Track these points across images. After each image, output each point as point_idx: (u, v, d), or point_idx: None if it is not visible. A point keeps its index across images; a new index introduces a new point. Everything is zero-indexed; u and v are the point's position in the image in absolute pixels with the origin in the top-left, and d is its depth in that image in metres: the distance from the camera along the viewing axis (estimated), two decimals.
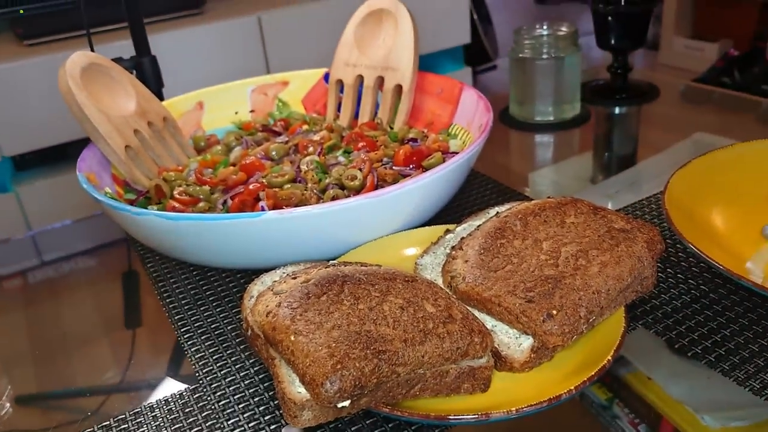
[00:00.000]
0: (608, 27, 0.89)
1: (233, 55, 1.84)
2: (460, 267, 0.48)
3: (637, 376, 0.45)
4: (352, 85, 0.82)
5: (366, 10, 0.83)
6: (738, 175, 0.62)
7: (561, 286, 0.43)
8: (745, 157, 0.65)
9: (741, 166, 0.64)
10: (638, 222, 0.48)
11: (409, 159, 0.66)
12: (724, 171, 0.63)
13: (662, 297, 0.51)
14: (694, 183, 0.61)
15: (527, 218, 0.51)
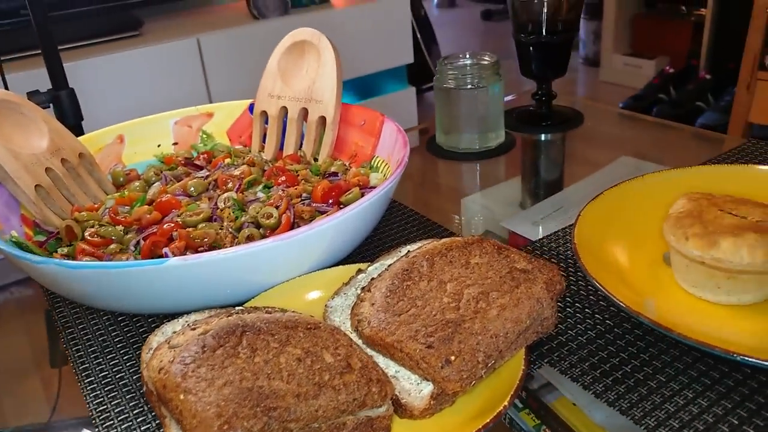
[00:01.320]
0: (530, 56, 0.90)
1: (173, 77, 1.82)
2: (367, 310, 0.48)
3: (563, 402, 0.46)
4: (277, 117, 0.82)
5: (289, 41, 0.83)
6: (647, 206, 0.64)
7: (460, 330, 0.43)
8: (654, 187, 0.66)
9: (650, 197, 0.65)
10: (539, 262, 0.49)
11: (327, 195, 0.66)
12: (633, 202, 0.64)
13: (569, 333, 0.52)
14: (604, 215, 0.62)
15: (434, 258, 0.51)
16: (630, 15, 2.95)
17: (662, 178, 0.68)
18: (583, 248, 0.57)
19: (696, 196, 0.57)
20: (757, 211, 0.52)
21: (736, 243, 0.49)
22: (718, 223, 0.51)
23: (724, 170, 0.69)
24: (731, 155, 0.80)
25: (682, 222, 0.53)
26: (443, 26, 4.58)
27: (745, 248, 0.48)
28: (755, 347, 0.46)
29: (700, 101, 2.38)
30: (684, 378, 0.46)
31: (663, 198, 0.64)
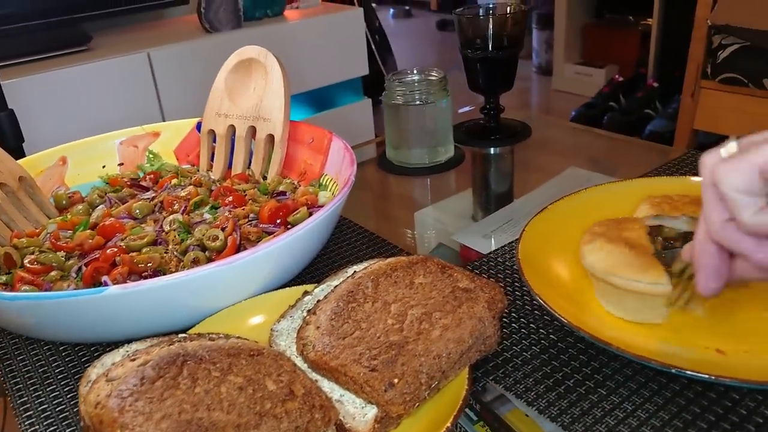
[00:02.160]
0: (477, 71, 0.91)
1: (124, 94, 1.79)
2: (312, 334, 0.48)
3: (516, 414, 0.47)
4: (225, 136, 0.81)
5: (235, 59, 0.82)
6: (590, 219, 0.65)
7: (404, 352, 0.44)
8: (597, 200, 0.68)
9: (593, 209, 0.66)
10: (482, 280, 0.49)
11: (274, 215, 0.66)
12: (576, 215, 0.65)
13: (514, 349, 0.52)
14: (548, 229, 0.63)
15: (379, 279, 0.51)
16: (580, 25, 3.02)
17: (604, 191, 0.69)
18: (527, 263, 0.58)
19: (657, 200, 0.59)
20: (693, 206, 0.56)
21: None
22: (619, 241, 0.52)
23: (663, 181, 0.71)
24: (672, 166, 0.82)
25: (588, 239, 0.54)
26: (399, 36, 4.62)
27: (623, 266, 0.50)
28: (690, 359, 0.47)
29: (649, 109, 2.44)
30: (624, 391, 0.47)
31: (606, 210, 0.65)
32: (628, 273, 0.50)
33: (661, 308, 0.51)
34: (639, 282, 0.50)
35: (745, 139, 0.35)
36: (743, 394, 0.46)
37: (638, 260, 0.50)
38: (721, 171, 0.34)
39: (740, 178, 0.33)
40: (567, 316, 0.50)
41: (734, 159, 0.34)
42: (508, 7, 0.90)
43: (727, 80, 1.74)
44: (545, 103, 3.10)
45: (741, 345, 0.49)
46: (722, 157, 0.35)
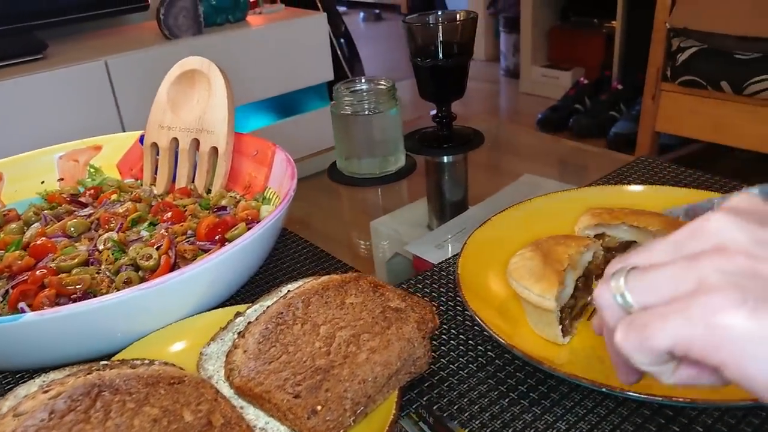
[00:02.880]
0: (427, 80, 0.91)
1: (81, 103, 1.75)
2: (239, 358, 0.46)
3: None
4: (168, 149, 0.79)
5: (178, 70, 0.81)
6: (531, 231, 0.64)
7: (329, 377, 0.42)
8: (542, 211, 0.67)
9: (537, 221, 0.66)
10: (413, 299, 0.48)
11: (212, 231, 0.64)
12: (519, 227, 0.65)
13: (450, 367, 0.51)
14: (490, 241, 0.62)
15: (310, 299, 0.49)
16: (546, 27, 3.03)
17: (548, 201, 0.68)
18: (466, 278, 0.57)
19: (598, 211, 0.59)
20: (655, 220, 0.55)
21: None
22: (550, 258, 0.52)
23: (610, 190, 0.70)
24: (621, 173, 0.82)
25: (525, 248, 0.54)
26: (369, 40, 4.61)
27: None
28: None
29: (614, 111, 2.46)
30: (558, 410, 0.46)
31: (549, 220, 0.65)
32: (525, 281, 0.50)
33: (556, 327, 0.50)
34: (530, 292, 0.50)
35: (641, 290, 0.31)
36: (677, 409, 0.45)
37: (541, 271, 0.50)
38: (626, 349, 0.30)
39: (648, 357, 0.30)
40: (502, 334, 0.49)
41: (637, 336, 0.30)
42: (457, 15, 0.90)
43: (687, 83, 1.76)
44: (513, 106, 3.11)
45: None
46: (619, 303, 0.32)
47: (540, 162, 1.00)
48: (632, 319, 0.31)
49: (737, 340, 0.27)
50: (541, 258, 0.51)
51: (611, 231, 0.56)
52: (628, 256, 0.33)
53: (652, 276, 0.31)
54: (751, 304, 0.27)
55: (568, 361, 0.48)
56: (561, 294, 0.49)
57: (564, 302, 0.50)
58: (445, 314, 0.58)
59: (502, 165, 1.03)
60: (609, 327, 0.33)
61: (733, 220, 0.30)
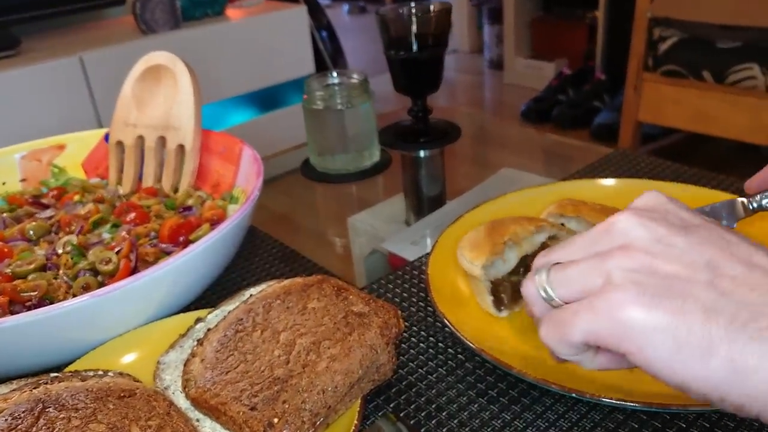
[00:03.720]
0: (402, 73, 0.88)
1: (57, 99, 1.72)
2: (196, 368, 0.45)
3: None
4: (133, 147, 0.77)
5: (142, 66, 0.78)
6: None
7: (287, 387, 0.40)
8: (516, 206, 0.66)
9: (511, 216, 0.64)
10: (377, 302, 0.46)
11: (175, 233, 0.62)
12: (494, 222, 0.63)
13: (419, 372, 0.50)
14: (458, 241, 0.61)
15: (271, 304, 0.48)
16: (529, 18, 3.02)
17: (520, 197, 0.67)
18: (436, 278, 0.55)
19: (564, 202, 0.58)
20: (597, 212, 0.55)
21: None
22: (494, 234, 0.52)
23: (585, 184, 0.69)
24: (598, 165, 0.80)
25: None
26: (354, 32, 4.57)
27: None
28: (599, 379, 0.45)
29: (597, 101, 2.45)
30: (528, 415, 0.45)
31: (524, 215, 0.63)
32: (464, 248, 0.52)
33: (486, 296, 0.51)
34: (464, 258, 0.51)
35: (561, 279, 0.35)
36: (651, 414, 0.44)
37: (480, 240, 0.51)
38: (549, 343, 0.34)
39: (567, 349, 0.34)
40: (471, 336, 0.47)
41: (556, 332, 0.34)
42: (431, 6, 0.87)
43: (668, 72, 1.75)
44: (497, 98, 3.09)
45: None
46: (543, 297, 0.35)
47: (520, 155, 0.99)
48: (550, 316, 0.34)
49: (636, 331, 0.30)
50: (487, 230, 0.52)
51: (569, 222, 0.56)
52: (551, 251, 0.36)
53: (568, 272, 0.34)
54: (647, 299, 0.30)
55: (540, 365, 0.46)
56: (493, 264, 0.50)
57: (499, 275, 0.51)
58: (416, 315, 0.56)
59: (482, 158, 1.01)
60: (536, 319, 0.36)
61: (638, 220, 0.33)
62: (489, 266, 0.50)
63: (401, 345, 0.52)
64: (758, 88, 1.59)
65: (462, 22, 3.63)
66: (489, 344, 0.48)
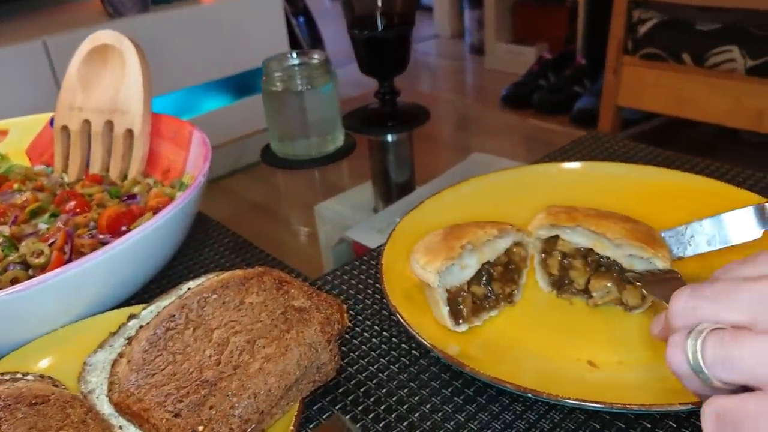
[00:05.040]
0: (367, 53, 0.84)
1: (20, 85, 1.66)
2: (122, 369, 0.41)
3: None
4: (79, 132, 0.73)
5: (88, 45, 0.73)
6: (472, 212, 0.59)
7: (215, 391, 0.37)
8: (479, 192, 0.62)
9: (474, 202, 0.61)
10: (321, 296, 0.43)
11: (115, 223, 0.58)
12: (456, 209, 0.59)
13: (369, 369, 0.46)
14: (422, 227, 0.57)
15: (207, 299, 0.44)
16: (510, 3, 2.97)
17: (483, 182, 0.63)
18: (391, 269, 0.52)
19: (555, 210, 0.50)
20: (617, 227, 0.47)
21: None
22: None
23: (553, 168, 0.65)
24: (569, 149, 0.77)
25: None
26: (335, 19, 4.50)
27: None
28: (558, 376, 0.42)
29: (578, 86, 2.42)
30: (484, 416, 0.41)
31: (484, 204, 0.60)
32: (418, 252, 0.47)
33: (441, 307, 0.46)
34: (417, 264, 0.46)
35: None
36: (613, 414, 0.41)
37: (437, 245, 0.46)
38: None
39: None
40: (424, 331, 0.44)
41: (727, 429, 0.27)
42: None
43: (648, 55, 1.72)
44: (478, 83, 3.06)
45: (613, 355, 0.44)
46: (693, 368, 0.29)
47: (496, 140, 0.95)
48: (717, 413, 0.27)
49: None
50: (445, 233, 0.47)
51: (566, 234, 0.49)
52: (699, 295, 0.29)
53: (737, 353, 0.27)
54: None
55: (496, 361, 0.43)
56: (449, 270, 0.45)
57: (457, 283, 0.46)
58: (370, 308, 0.53)
59: (456, 144, 0.97)
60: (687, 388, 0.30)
61: None
62: (444, 273, 0.45)
63: (353, 340, 0.49)
64: (738, 71, 1.56)
65: (443, 7, 3.58)
66: (443, 340, 0.44)
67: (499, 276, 0.48)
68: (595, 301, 0.48)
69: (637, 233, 0.46)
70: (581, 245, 0.48)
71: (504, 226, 0.48)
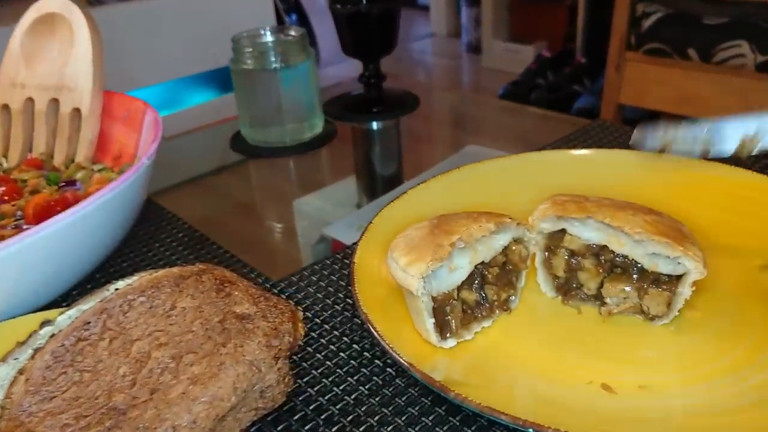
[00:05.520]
0: (350, 30, 0.76)
1: None
2: (17, 390, 0.32)
3: None
4: (21, 111, 0.64)
5: (33, 14, 0.65)
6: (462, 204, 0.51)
7: (123, 422, 0.28)
8: (471, 181, 0.54)
9: (464, 193, 0.53)
10: (270, 301, 0.34)
11: (44, 212, 0.49)
12: (443, 200, 0.51)
13: (334, 391, 0.38)
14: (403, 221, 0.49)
15: (133, 302, 0.35)
16: (508, 0, 2.90)
17: (475, 170, 0.55)
18: (366, 270, 0.43)
19: (562, 199, 0.42)
20: (637, 219, 0.38)
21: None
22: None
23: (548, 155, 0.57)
24: (573, 138, 0.69)
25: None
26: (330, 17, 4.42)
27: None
28: (565, 403, 0.34)
29: (577, 85, 2.34)
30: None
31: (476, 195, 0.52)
32: (398, 251, 0.38)
33: (425, 319, 0.37)
34: (396, 264, 0.37)
35: None
36: None
37: (421, 242, 0.38)
38: None
39: None
40: (401, 346, 0.36)
41: None
42: None
43: (652, 51, 1.64)
44: (475, 82, 2.98)
45: (633, 377, 0.35)
46: None
47: (491, 130, 0.88)
48: None
49: None
50: (431, 227, 0.39)
51: (575, 228, 0.41)
52: None
53: None
54: None
55: (490, 384, 0.35)
56: (435, 273, 0.37)
57: (445, 289, 0.38)
58: (340, 316, 0.44)
59: (447, 134, 0.89)
60: None
61: None
62: (430, 277, 0.37)
63: (316, 354, 0.41)
64: (747, 67, 1.48)
65: (440, 5, 3.50)
66: (425, 357, 0.36)
67: (494, 279, 0.40)
68: (610, 309, 0.40)
69: (662, 227, 0.37)
70: (593, 241, 0.40)
71: (502, 219, 0.40)
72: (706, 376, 0.35)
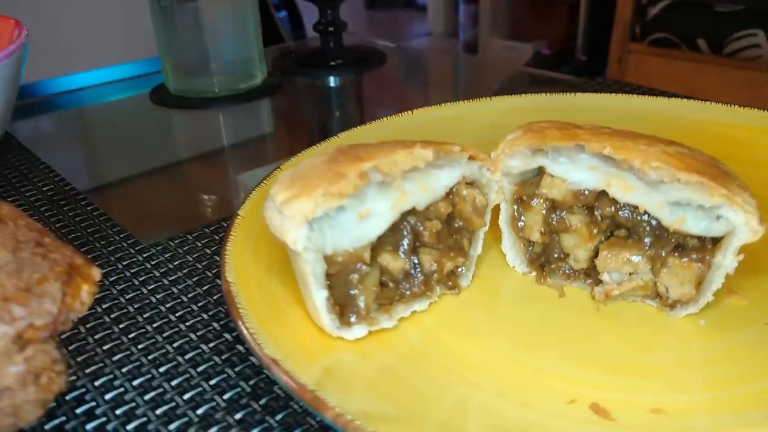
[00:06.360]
0: None
1: None
2: None
3: None
4: None
5: None
6: None
7: None
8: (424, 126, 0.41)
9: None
10: (47, 248, 0.21)
11: None
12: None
13: (229, 421, 0.24)
14: None
15: None
16: None
17: (435, 114, 0.42)
18: (254, 227, 0.30)
19: (540, 125, 0.28)
20: (654, 150, 0.24)
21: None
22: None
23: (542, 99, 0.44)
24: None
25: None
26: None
27: None
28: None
29: None
30: None
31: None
32: (277, 184, 0.25)
33: (314, 293, 0.24)
34: (272, 204, 0.24)
35: None
36: None
37: (314, 171, 0.24)
38: None
39: None
40: (273, 337, 0.22)
41: None
42: None
43: (658, 41, 1.52)
44: (470, 78, 2.86)
45: (641, 395, 0.22)
46: None
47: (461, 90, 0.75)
48: None
49: None
50: (334, 155, 0.25)
51: (558, 165, 0.27)
52: None
53: None
54: None
55: (414, 407, 0.21)
56: (332, 218, 0.24)
57: (350, 246, 0.24)
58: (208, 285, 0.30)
59: (406, 93, 0.76)
60: None
61: None
62: (321, 222, 0.23)
63: (122, 337, 0.27)
64: (762, 59, 1.36)
65: (437, 3, 3.39)
66: (313, 355, 0.23)
67: (433, 239, 0.26)
68: (608, 290, 0.26)
69: (692, 161, 0.24)
70: (585, 186, 0.26)
71: (445, 147, 0.26)
72: (748, 399, 0.21)
